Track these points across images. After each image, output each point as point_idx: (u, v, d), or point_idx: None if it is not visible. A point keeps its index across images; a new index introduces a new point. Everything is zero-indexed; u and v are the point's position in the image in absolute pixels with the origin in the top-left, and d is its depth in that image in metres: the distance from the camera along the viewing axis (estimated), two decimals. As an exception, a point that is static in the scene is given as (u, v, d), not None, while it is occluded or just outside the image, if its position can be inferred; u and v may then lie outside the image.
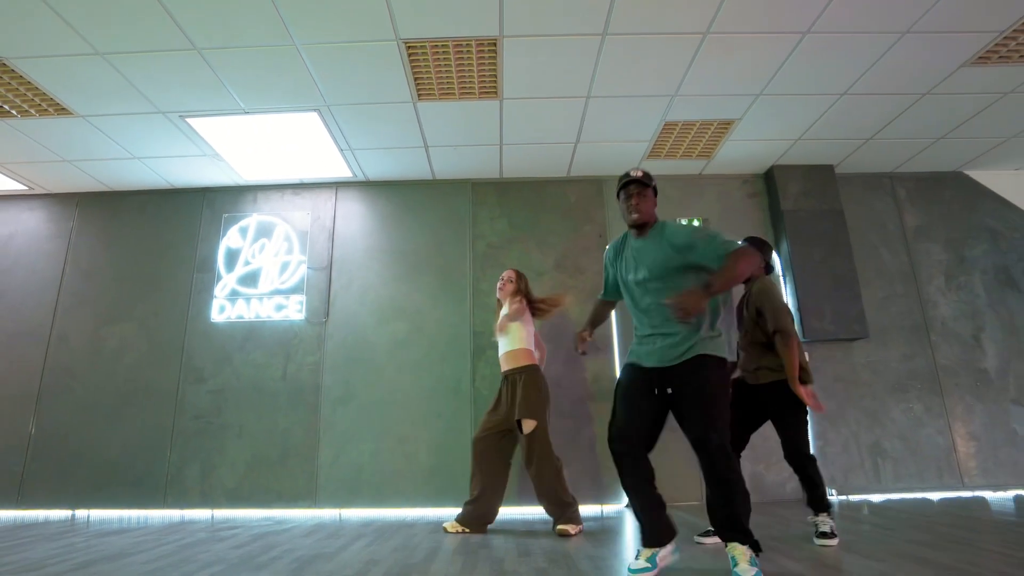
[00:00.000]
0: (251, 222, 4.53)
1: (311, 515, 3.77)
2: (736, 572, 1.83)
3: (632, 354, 2.14)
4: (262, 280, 4.38)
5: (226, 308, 4.32)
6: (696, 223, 4.42)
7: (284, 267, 4.42)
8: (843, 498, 3.89)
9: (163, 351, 4.24)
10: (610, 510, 3.73)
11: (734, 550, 1.89)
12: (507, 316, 3.16)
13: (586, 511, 3.30)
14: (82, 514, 3.88)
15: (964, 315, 4.29)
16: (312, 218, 4.53)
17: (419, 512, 3.79)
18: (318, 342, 4.23)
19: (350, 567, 2.16)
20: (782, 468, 3.99)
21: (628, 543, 2.61)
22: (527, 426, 2.93)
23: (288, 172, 4.42)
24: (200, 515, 3.81)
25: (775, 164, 4.44)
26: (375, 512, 3.82)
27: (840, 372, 4.15)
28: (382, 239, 4.47)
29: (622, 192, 2.18)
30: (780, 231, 4.35)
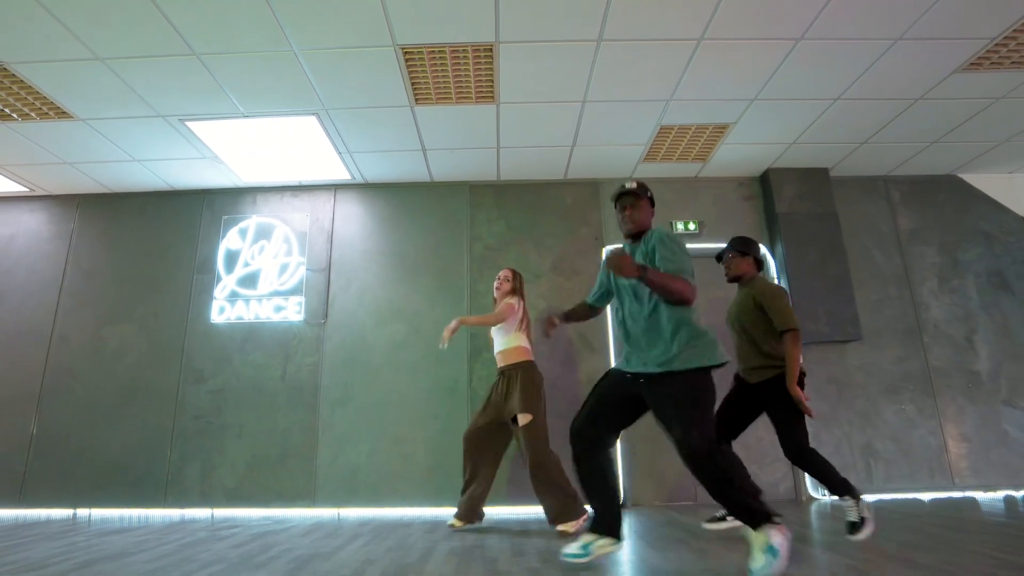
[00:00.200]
0: (250, 224, 4.57)
1: (310, 514, 3.81)
2: (750, 567, 1.88)
3: (620, 362, 2.24)
4: (261, 281, 4.42)
5: (226, 309, 4.36)
6: (692, 226, 4.46)
7: (283, 268, 4.46)
8: (835, 498, 3.93)
9: (163, 352, 4.29)
10: (605, 510, 3.77)
11: (749, 536, 1.94)
12: (495, 315, 3.17)
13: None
14: (83, 513, 3.92)
15: (957, 317, 4.33)
16: (311, 220, 4.57)
17: (416, 512, 3.84)
18: (317, 343, 4.27)
19: (347, 567, 2.20)
20: (776, 468, 4.04)
21: (624, 543, 2.64)
22: (523, 419, 2.95)
23: (287, 174, 4.46)
24: (200, 514, 3.85)
25: (770, 167, 4.48)
26: (373, 512, 3.87)
27: (833, 374, 4.19)
28: (380, 241, 4.50)
29: (617, 203, 2.26)
30: (775, 233, 4.38)
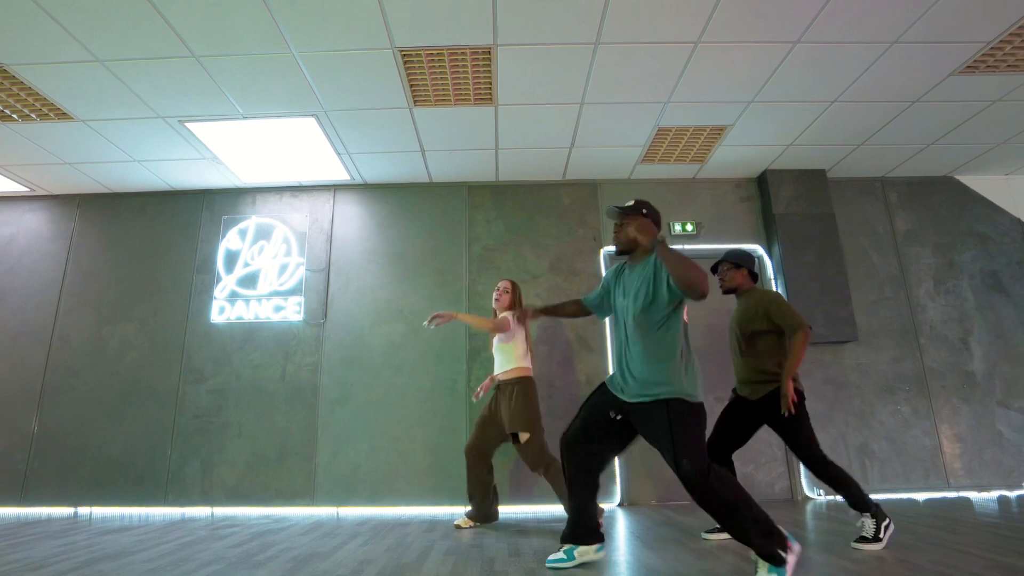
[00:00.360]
0: (250, 224, 4.59)
1: (309, 513, 3.84)
2: None
3: (611, 378, 2.22)
4: (261, 281, 4.44)
5: (226, 309, 4.39)
6: (689, 227, 4.47)
7: (283, 269, 4.48)
8: (830, 498, 3.96)
9: (164, 351, 4.31)
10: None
11: (756, 560, 1.92)
12: (492, 321, 3.20)
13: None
14: (84, 511, 3.95)
15: (952, 319, 4.35)
16: (310, 220, 4.59)
17: (414, 510, 3.87)
18: (316, 343, 4.30)
19: (345, 566, 2.23)
20: (772, 468, 4.07)
21: (620, 543, 2.67)
22: (523, 438, 3.02)
23: (286, 175, 4.48)
24: (200, 513, 3.88)
25: (768, 168, 4.49)
26: (371, 510, 3.90)
27: (829, 374, 4.21)
28: (379, 241, 4.52)
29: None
30: (772, 235, 4.40)
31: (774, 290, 3.13)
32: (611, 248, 4.45)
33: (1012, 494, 3.98)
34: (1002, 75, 3.36)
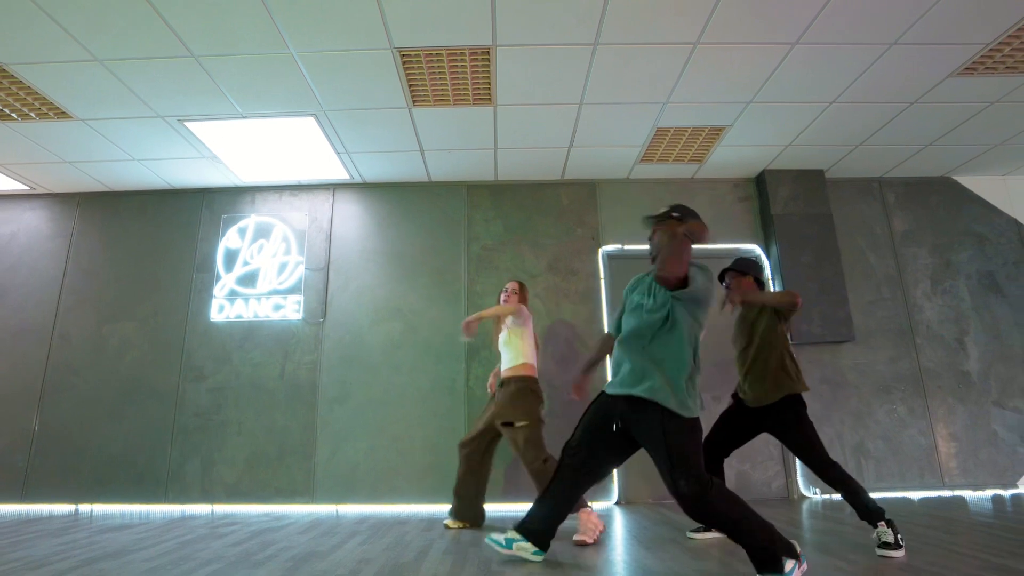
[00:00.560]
0: (249, 223, 4.60)
1: (308, 511, 3.87)
2: None
3: (607, 384, 2.21)
4: (260, 280, 4.45)
5: (225, 308, 4.40)
6: (687, 227, 4.48)
7: (282, 267, 4.49)
8: (826, 497, 3.99)
9: (163, 349, 4.32)
10: (599, 507, 3.82)
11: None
12: (506, 307, 3.18)
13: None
14: (85, 509, 3.98)
15: (949, 319, 4.37)
16: (310, 219, 4.60)
17: (413, 508, 3.89)
18: (315, 342, 4.31)
19: (343, 566, 2.25)
20: (768, 467, 4.10)
21: (617, 542, 2.70)
22: (518, 424, 2.97)
23: (286, 174, 4.48)
24: (200, 510, 3.90)
25: (766, 168, 4.50)
26: (370, 508, 3.92)
27: (826, 374, 4.23)
28: (378, 240, 4.53)
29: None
30: (770, 235, 4.41)
31: None
32: (610, 248, 4.46)
33: (1006, 493, 4.01)
34: (1001, 76, 3.36)
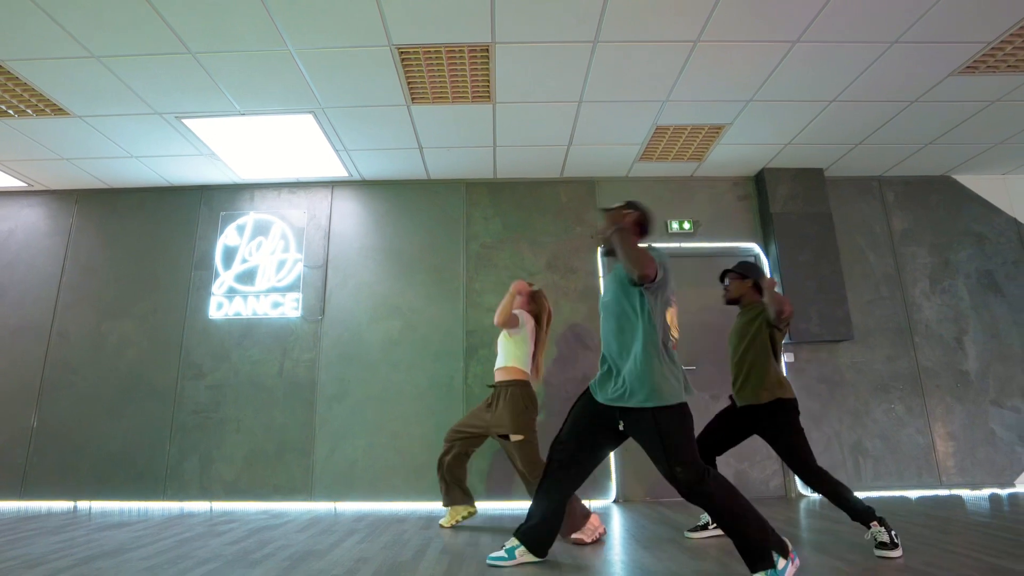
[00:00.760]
0: (248, 220, 4.59)
1: (307, 508, 3.87)
2: None
3: (593, 380, 2.23)
4: (259, 278, 4.45)
5: (224, 305, 4.39)
6: (687, 225, 4.48)
7: (281, 265, 4.48)
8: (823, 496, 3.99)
9: (162, 347, 4.32)
10: (597, 506, 3.83)
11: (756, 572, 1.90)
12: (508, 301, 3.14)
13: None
14: (84, 506, 3.98)
15: (947, 318, 4.37)
16: (308, 217, 4.59)
17: (411, 506, 3.90)
18: (314, 339, 4.31)
19: (340, 565, 2.25)
20: (766, 466, 4.10)
21: (615, 541, 2.70)
22: (514, 439, 2.91)
23: (284, 171, 4.47)
24: (199, 507, 3.91)
25: (765, 167, 4.49)
26: (369, 506, 3.93)
27: (824, 373, 4.23)
28: (377, 238, 4.52)
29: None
30: (769, 233, 4.41)
31: None
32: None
33: (1004, 492, 4.02)
34: (1002, 75, 3.35)
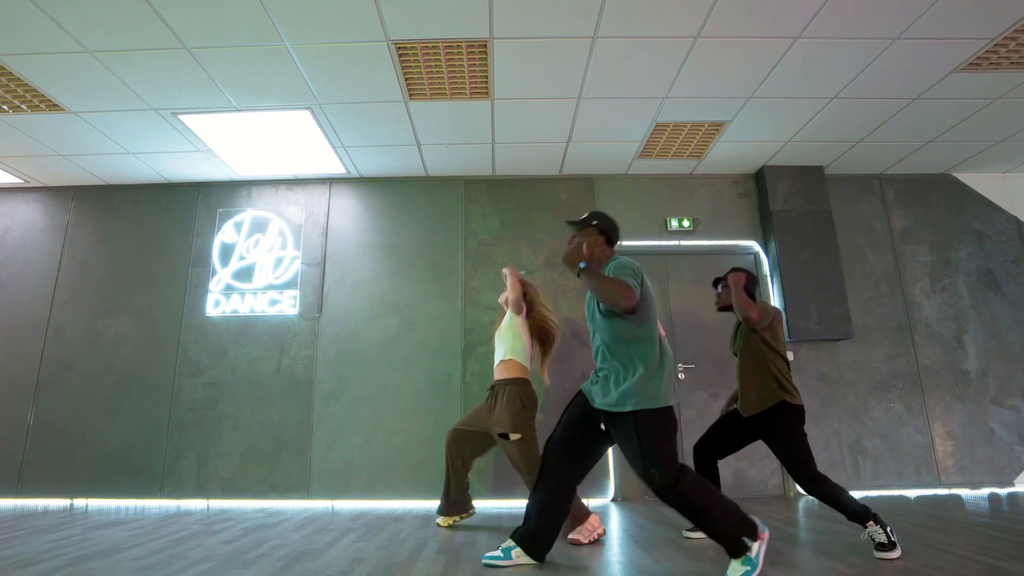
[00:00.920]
0: (245, 217, 4.56)
1: (304, 506, 3.86)
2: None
3: (586, 383, 2.25)
4: (256, 275, 4.43)
5: (221, 302, 4.37)
6: (686, 223, 4.46)
7: (278, 262, 4.45)
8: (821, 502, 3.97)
9: (159, 344, 4.30)
10: (595, 504, 3.82)
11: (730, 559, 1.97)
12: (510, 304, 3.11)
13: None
14: (80, 503, 3.97)
15: (947, 317, 4.35)
16: (306, 213, 4.56)
17: (409, 504, 3.89)
18: (311, 337, 4.29)
19: (335, 566, 2.23)
20: (764, 465, 4.09)
21: (613, 542, 2.69)
22: (513, 437, 2.88)
23: (282, 168, 4.44)
24: (196, 505, 3.90)
25: (765, 165, 4.46)
26: (366, 504, 3.92)
27: (824, 371, 4.22)
28: (375, 235, 4.50)
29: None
30: (769, 231, 4.38)
31: (772, 304, 3.09)
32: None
33: (1003, 491, 4.01)
34: (1005, 72, 3.32)
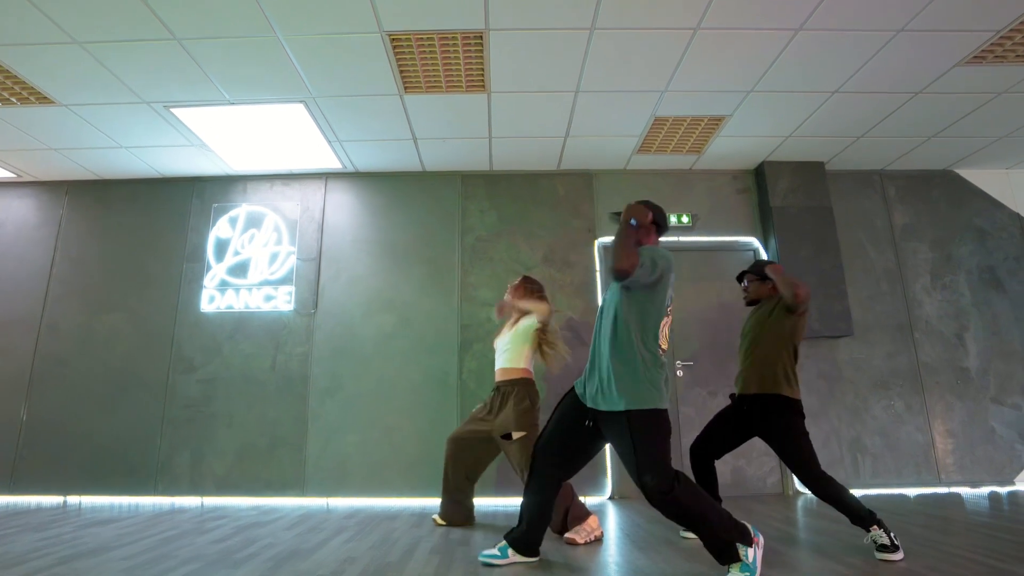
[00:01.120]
0: (240, 212, 4.51)
1: (299, 504, 3.83)
2: None
3: (579, 378, 2.22)
4: (251, 270, 4.38)
5: (216, 298, 4.33)
6: (685, 219, 4.41)
7: (273, 258, 4.41)
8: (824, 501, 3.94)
9: (153, 340, 4.26)
10: (592, 502, 3.79)
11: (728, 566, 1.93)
12: (526, 321, 3.04)
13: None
14: (74, 501, 3.94)
15: (948, 314, 4.31)
16: (301, 209, 4.51)
17: (404, 502, 3.86)
18: (307, 333, 4.25)
19: (325, 566, 2.20)
20: (763, 463, 4.06)
21: (610, 542, 2.66)
22: (516, 435, 2.86)
23: (277, 163, 4.39)
24: (190, 502, 3.87)
25: (765, 160, 4.41)
26: (361, 501, 3.89)
27: (824, 369, 4.18)
28: (371, 230, 4.45)
29: None
30: (769, 227, 4.34)
31: None
32: (606, 240, 4.39)
33: (1003, 490, 3.98)
34: (1010, 66, 3.27)
